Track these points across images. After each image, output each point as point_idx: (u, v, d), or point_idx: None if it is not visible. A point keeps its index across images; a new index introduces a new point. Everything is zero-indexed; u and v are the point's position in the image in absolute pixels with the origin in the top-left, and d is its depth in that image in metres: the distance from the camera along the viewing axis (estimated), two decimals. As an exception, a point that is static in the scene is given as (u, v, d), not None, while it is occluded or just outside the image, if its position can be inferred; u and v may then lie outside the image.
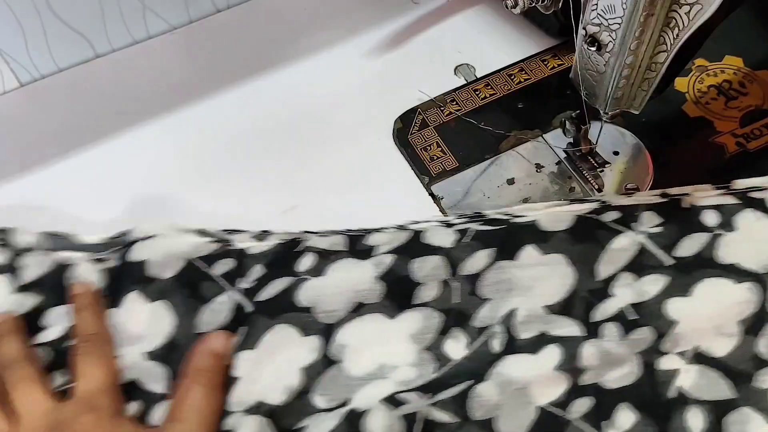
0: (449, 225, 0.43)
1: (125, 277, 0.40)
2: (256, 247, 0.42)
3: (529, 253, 0.40)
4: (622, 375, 0.37)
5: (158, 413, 0.37)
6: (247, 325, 0.39)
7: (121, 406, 0.36)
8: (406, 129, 0.51)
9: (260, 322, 0.39)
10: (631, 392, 0.37)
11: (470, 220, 0.43)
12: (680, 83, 0.51)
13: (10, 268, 0.41)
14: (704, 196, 0.42)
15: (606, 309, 0.39)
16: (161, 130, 0.52)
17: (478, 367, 0.38)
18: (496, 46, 0.56)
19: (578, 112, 0.45)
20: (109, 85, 0.56)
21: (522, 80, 0.53)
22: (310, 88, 0.54)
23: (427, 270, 0.40)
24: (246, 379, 0.37)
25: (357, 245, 0.42)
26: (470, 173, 0.48)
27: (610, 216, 0.42)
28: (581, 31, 0.38)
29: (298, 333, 0.39)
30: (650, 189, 0.46)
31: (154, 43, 0.58)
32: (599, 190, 0.46)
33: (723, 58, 0.53)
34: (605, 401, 0.36)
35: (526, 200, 0.46)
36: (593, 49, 0.38)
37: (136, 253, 0.41)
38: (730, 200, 0.42)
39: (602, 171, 0.47)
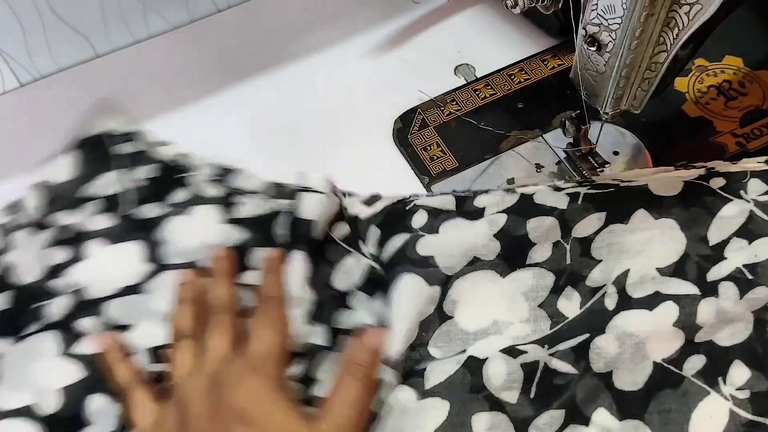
0: (558, 189, 0.43)
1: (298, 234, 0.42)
2: (365, 211, 0.44)
3: (641, 216, 0.41)
4: (734, 332, 0.37)
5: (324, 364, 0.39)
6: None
7: (285, 377, 0.37)
8: (406, 129, 0.51)
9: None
10: (743, 349, 0.36)
11: (579, 185, 0.44)
12: (680, 83, 0.51)
13: (225, 201, 0.44)
14: None
15: (720, 270, 0.39)
16: (161, 130, 0.52)
17: (596, 322, 0.38)
18: (496, 46, 0.56)
19: (578, 112, 0.45)
20: (109, 85, 0.56)
21: (522, 80, 0.53)
22: (309, 88, 0.54)
23: (542, 230, 0.41)
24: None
25: (465, 206, 0.43)
26: (470, 173, 0.48)
27: (717, 183, 0.42)
28: (581, 31, 0.38)
29: (425, 282, 0.40)
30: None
31: (154, 43, 0.58)
32: (599, 190, 0.46)
33: (723, 58, 0.53)
34: (718, 358, 0.36)
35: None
36: (593, 49, 0.38)
37: (307, 211, 0.42)
38: None
39: (602, 171, 0.47)
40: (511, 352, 0.37)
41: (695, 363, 0.36)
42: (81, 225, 0.44)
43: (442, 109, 0.52)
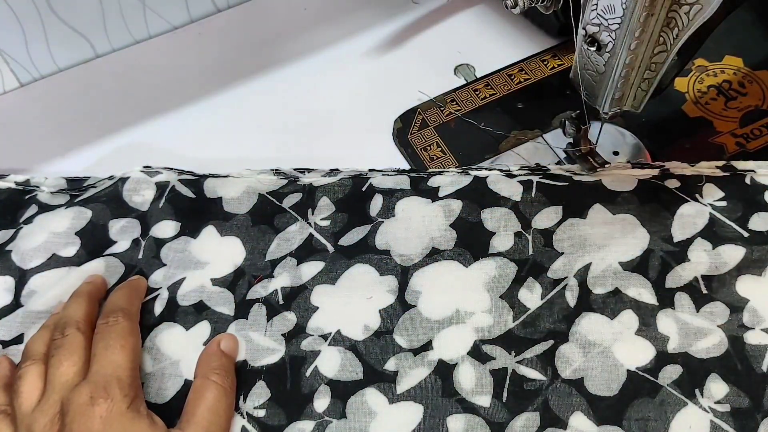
0: (510, 175, 0.45)
1: (203, 210, 0.44)
2: (323, 180, 0.46)
3: (598, 212, 0.42)
4: (711, 346, 0.38)
5: (230, 332, 0.40)
6: (326, 262, 0.42)
7: (136, 396, 0.35)
8: (406, 129, 0.51)
9: (340, 261, 0.42)
10: (721, 363, 0.37)
11: (531, 173, 0.45)
12: (680, 83, 0.51)
13: (70, 202, 0.45)
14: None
15: (680, 276, 0.40)
16: (161, 131, 0.52)
17: (557, 323, 0.39)
18: (496, 46, 0.56)
19: (578, 112, 0.45)
20: (109, 85, 0.56)
21: (522, 80, 0.53)
22: (309, 88, 0.54)
23: (497, 220, 0.42)
24: (324, 310, 0.40)
25: (420, 185, 0.45)
26: (470, 173, 0.48)
27: (672, 184, 0.43)
28: (581, 31, 0.38)
29: (377, 272, 0.41)
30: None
31: (154, 43, 0.58)
32: (599, 190, 0.46)
33: (723, 58, 0.53)
34: (696, 370, 0.37)
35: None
36: (593, 49, 0.38)
37: (213, 190, 0.45)
38: None
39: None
40: (479, 356, 0.38)
41: (671, 373, 0.37)
42: None
43: (442, 109, 0.52)
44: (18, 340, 0.40)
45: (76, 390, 0.34)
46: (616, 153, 0.48)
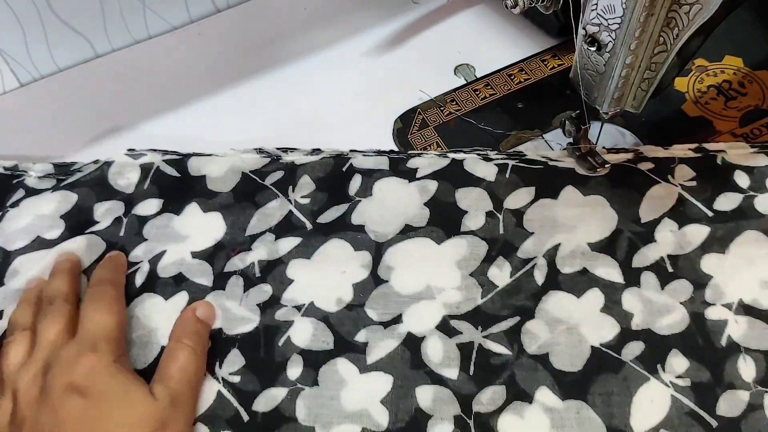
0: (487, 159, 0.46)
1: (187, 188, 0.45)
2: (304, 159, 0.47)
3: (570, 192, 0.43)
4: (673, 322, 0.39)
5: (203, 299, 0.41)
6: (303, 237, 0.43)
7: (121, 354, 0.37)
8: (406, 129, 0.51)
9: (317, 237, 0.43)
10: (683, 339, 0.38)
11: (508, 157, 0.46)
12: (680, 83, 0.51)
13: (57, 186, 0.46)
14: (739, 154, 0.45)
15: (647, 256, 0.41)
16: (161, 130, 0.52)
17: (524, 301, 0.40)
18: (496, 46, 0.56)
19: (578, 112, 0.45)
20: (109, 85, 0.56)
21: (522, 80, 0.53)
22: (309, 88, 0.54)
23: (470, 200, 0.44)
24: (299, 282, 0.41)
25: (399, 166, 0.46)
26: (470, 173, 0.48)
27: (645, 165, 0.44)
28: (581, 31, 0.38)
29: (351, 248, 0.42)
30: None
31: (154, 43, 0.58)
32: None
33: (723, 58, 0.53)
34: (658, 346, 0.38)
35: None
36: (593, 49, 0.38)
37: (198, 169, 0.46)
38: (763, 161, 0.44)
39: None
40: (447, 330, 0.39)
41: (634, 349, 0.38)
42: None
43: (442, 109, 0.52)
44: None
45: (63, 347, 0.36)
46: (616, 153, 0.48)
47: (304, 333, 0.39)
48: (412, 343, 0.39)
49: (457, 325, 0.39)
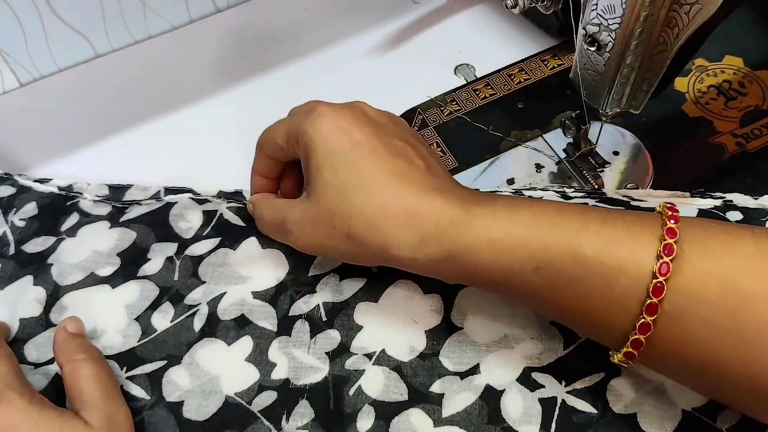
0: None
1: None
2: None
3: (249, 244, 0.42)
4: (315, 377, 0.38)
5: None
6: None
7: (35, 394, 0.33)
8: (406, 129, 0.51)
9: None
10: (314, 390, 0.37)
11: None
12: (680, 83, 0.51)
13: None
14: None
15: (303, 306, 0.40)
16: (161, 130, 0.52)
17: (176, 346, 0.39)
18: (496, 46, 0.56)
19: (578, 112, 0.45)
20: (109, 85, 0.56)
21: (522, 80, 0.53)
22: (309, 88, 0.54)
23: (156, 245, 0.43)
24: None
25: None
26: (470, 173, 0.48)
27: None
28: (581, 31, 0.38)
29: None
30: (650, 188, 0.46)
31: (154, 43, 0.58)
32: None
33: (723, 58, 0.53)
34: (288, 396, 0.37)
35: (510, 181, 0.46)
36: (593, 49, 0.38)
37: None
38: None
39: (602, 171, 0.47)
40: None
41: (265, 399, 0.37)
42: None
43: (442, 109, 0.52)
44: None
45: None
46: (616, 153, 0.48)
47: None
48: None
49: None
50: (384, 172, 0.34)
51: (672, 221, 0.30)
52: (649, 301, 0.29)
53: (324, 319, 0.39)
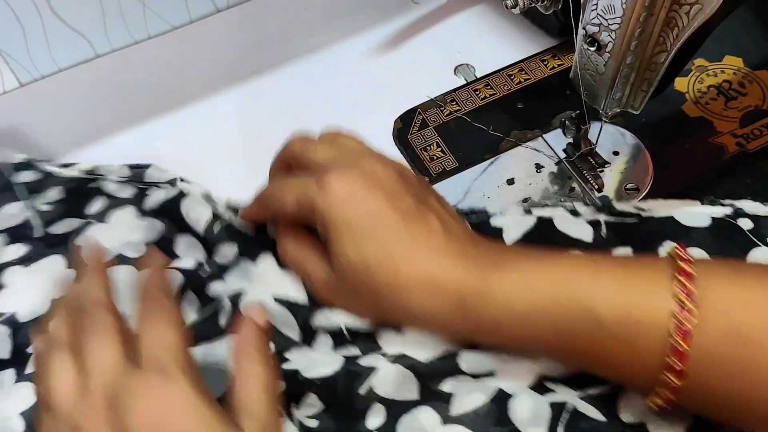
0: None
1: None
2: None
3: (268, 264, 0.41)
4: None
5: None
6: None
7: (194, 373, 0.30)
8: (406, 129, 0.51)
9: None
10: (325, 382, 0.37)
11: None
12: (680, 83, 0.51)
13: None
14: None
15: (322, 320, 0.39)
16: (161, 130, 0.52)
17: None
18: (496, 46, 0.56)
19: (578, 112, 0.45)
20: (109, 85, 0.56)
21: (522, 80, 0.53)
22: (309, 88, 0.54)
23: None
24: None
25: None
26: (470, 173, 0.48)
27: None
28: (581, 31, 0.38)
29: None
30: (650, 189, 0.46)
31: (154, 43, 0.58)
32: (599, 190, 0.46)
33: (723, 58, 0.53)
34: (296, 388, 0.37)
35: (525, 200, 0.46)
36: (593, 49, 0.38)
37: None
38: None
39: (602, 171, 0.47)
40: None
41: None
42: None
43: (441, 109, 0.52)
44: None
45: (124, 375, 0.29)
46: (616, 153, 0.48)
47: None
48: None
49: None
50: (404, 244, 0.34)
51: (683, 276, 0.31)
52: (669, 362, 0.30)
53: (348, 339, 0.38)
